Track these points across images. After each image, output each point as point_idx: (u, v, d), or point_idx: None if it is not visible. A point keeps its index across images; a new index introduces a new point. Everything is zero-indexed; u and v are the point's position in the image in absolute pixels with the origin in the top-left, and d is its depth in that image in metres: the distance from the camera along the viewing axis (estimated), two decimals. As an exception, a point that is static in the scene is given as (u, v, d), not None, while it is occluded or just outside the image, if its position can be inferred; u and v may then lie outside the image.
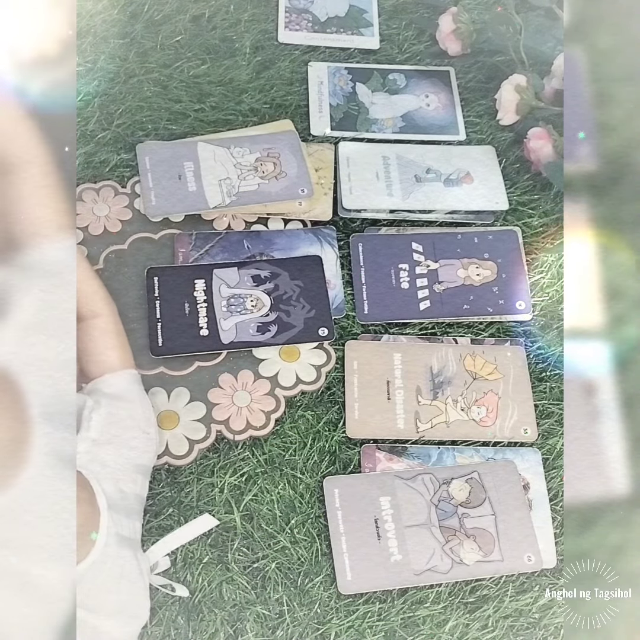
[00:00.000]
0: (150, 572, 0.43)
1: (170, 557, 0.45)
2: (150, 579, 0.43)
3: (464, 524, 0.47)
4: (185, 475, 0.48)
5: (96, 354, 0.42)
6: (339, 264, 0.55)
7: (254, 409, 0.49)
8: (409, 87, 0.65)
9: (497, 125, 0.63)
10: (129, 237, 0.55)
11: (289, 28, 0.67)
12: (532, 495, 0.49)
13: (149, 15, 0.65)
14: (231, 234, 0.56)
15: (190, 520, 0.46)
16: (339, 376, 0.52)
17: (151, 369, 0.50)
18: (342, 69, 0.65)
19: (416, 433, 0.50)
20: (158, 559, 0.44)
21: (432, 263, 0.56)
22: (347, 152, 0.60)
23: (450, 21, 0.64)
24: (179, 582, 0.44)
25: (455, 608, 0.45)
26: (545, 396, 0.52)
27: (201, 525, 0.45)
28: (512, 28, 0.62)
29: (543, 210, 0.59)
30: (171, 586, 0.43)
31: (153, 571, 0.43)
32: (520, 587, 0.46)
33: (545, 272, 0.57)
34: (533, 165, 0.60)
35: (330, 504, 0.47)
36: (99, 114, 0.60)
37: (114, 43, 0.64)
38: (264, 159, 0.58)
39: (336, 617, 0.45)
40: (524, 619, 0.46)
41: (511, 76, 0.60)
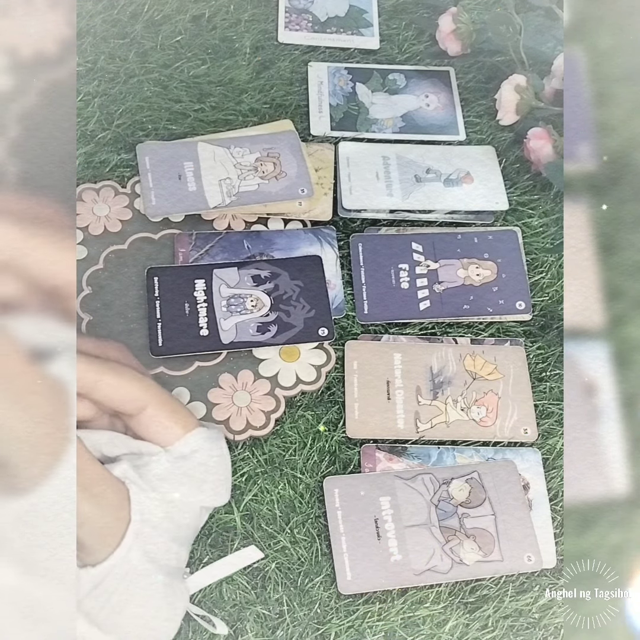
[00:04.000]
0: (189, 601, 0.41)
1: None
2: (188, 607, 0.41)
3: (464, 524, 0.47)
4: (185, 475, 0.47)
5: (157, 439, 0.41)
6: (339, 264, 0.55)
7: (254, 409, 0.49)
8: (409, 87, 0.65)
9: (497, 125, 0.63)
10: (129, 237, 0.55)
11: (289, 28, 0.67)
12: (532, 495, 0.49)
13: (149, 15, 0.65)
14: (231, 234, 0.56)
15: (235, 551, 0.45)
16: (339, 376, 0.52)
17: (151, 369, 0.50)
18: (342, 69, 0.65)
19: (416, 433, 0.50)
20: (197, 589, 0.42)
21: (432, 263, 0.56)
22: (347, 152, 0.60)
23: (450, 21, 0.64)
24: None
25: (455, 608, 0.45)
26: (545, 396, 0.52)
27: (247, 557, 0.44)
28: (512, 28, 0.62)
29: (543, 210, 0.59)
30: (210, 620, 0.42)
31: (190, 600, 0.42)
32: (520, 587, 0.46)
33: (545, 272, 0.57)
34: (533, 165, 0.60)
35: (330, 504, 0.47)
36: (99, 114, 0.60)
37: (114, 43, 0.64)
38: (264, 159, 0.58)
39: (336, 617, 0.45)
40: (524, 619, 0.46)
41: (511, 76, 0.60)
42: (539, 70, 0.62)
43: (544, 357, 0.53)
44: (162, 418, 0.41)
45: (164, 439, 0.41)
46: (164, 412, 0.41)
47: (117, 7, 0.65)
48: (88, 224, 0.55)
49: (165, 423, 0.41)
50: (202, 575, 0.43)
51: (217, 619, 0.43)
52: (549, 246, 0.58)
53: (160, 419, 0.41)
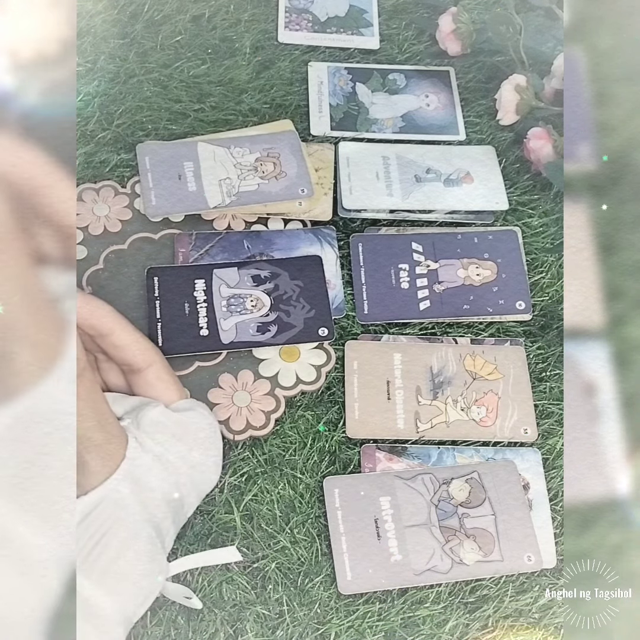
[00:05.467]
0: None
1: (170, 557, 0.44)
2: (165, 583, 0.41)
3: (464, 524, 0.47)
4: (185, 475, 0.47)
5: (156, 397, 0.44)
6: (339, 264, 0.55)
7: (254, 409, 0.49)
8: (409, 87, 0.65)
9: (497, 125, 0.63)
10: (129, 237, 0.55)
11: (289, 28, 0.67)
12: (532, 495, 0.49)
13: (149, 15, 0.65)
14: (231, 234, 0.56)
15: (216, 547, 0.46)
16: (339, 376, 0.52)
17: (151, 369, 0.50)
18: (342, 69, 0.65)
19: (416, 433, 0.50)
20: (172, 574, 0.43)
21: (432, 263, 0.56)
22: (347, 152, 0.60)
23: (450, 21, 0.64)
24: (179, 582, 0.44)
25: (455, 608, 0.45)
26: (545, 396, 0.52)
27: (225, 556, 0.45)
28: (512, 28, 0.62)
29: (543, 210, 0.59)
30: (187, 596, 0.43)
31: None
32: (520, 587, 0.46)
33: (545, 272, 0.57)
34: (533, 165, 0.60)
35: (330, 504, 0.47)
36: (99, 114, 0.60)
37: (114, 43, 0.64)
38: (264, 159, 0.58)
39: (336, 617, 0.45)
40: (524, 619, 0.46)
41: (511, 76, 0.60)
42: (539, 70, 0.62)
43: (544, 357, 0.53)
44: (166, 377, 0.44)
45: (165, 397, 0.44)
46: (168, 373, 0.44)
47: (117, 7, 0.65)
48: (88, 224, 0.55)
49: (168, 382, 0.44)
50: (177, 563, 0.43)
51: (192, 593, 0.43)
52: (549, 246, 0.58)
53: (164, 378, 0.44)
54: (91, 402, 0.37)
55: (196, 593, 0.44)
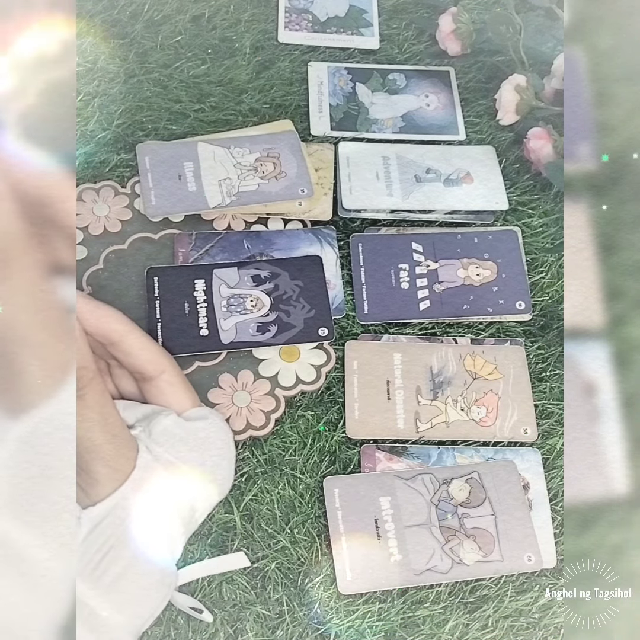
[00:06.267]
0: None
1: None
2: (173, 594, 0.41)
3: (464, 524, 0.47)
4: (185, 475, 0.47)
5: (168, 405, 0.43)
6: (339, 264, 0.55)
7: (254, 409, 0.49)
8: (409, 87, 0.65)
9: (497, 125, 0.63)
10: (129, 237, 0.55)
11: (288, 28, 0.67)
12: (532, 495, 0.49)
13: (149, 15, 0.65)
14: (231, 234, 0.56)
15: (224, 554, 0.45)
16: (339, 376, 0.52)
17: (151, 369, 0.50)
18: (342, 69, 0.65)
19: (416, 433, 0.50)
20: (180, 583, 0.42)
21: (432, 263, 0.56)
22: (347, 152, 0.60)
23: (450, 21, 0.64)
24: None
25: (455, 608, 0.45)
26: (545, 396, 0.52)
27: (233, 562, 0.45)
28: (512, 28, 0.62)
29: (543, 210, 0.59)
30: (198, 609, 0.42)
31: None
32: (520, 587, 0.46)
33: (545, 272, 0.57)
34: (533, 165, 0.60)
35: (330, 504, 0.47)
36: (99, 114, 0.60)
37: (114, 43, 0.64)
38: (264, 159, 0.58)
39: (336, 617, 0.45)
40: (524, 619, 0.46)
41: (511, 76, 0.60)
42: (539, 70, 0.62)
43: (544, 357, 0.53)
44: (178, 384, 0.44)
45: (178, 405, 0.43)
46: (180, 380, 0.44)
47: (117, 7, 0.65)
48: (88, 224, 0.55)
49: (180, 389, 0.44)
50: (185, 572, 0.43)
51: (203, 607, 0.43)
52: (549, 246, 0.58)
53: (176, 386, 0.43)
54: (100, 412, 0.37)
55: (196, 593, 0.44)
